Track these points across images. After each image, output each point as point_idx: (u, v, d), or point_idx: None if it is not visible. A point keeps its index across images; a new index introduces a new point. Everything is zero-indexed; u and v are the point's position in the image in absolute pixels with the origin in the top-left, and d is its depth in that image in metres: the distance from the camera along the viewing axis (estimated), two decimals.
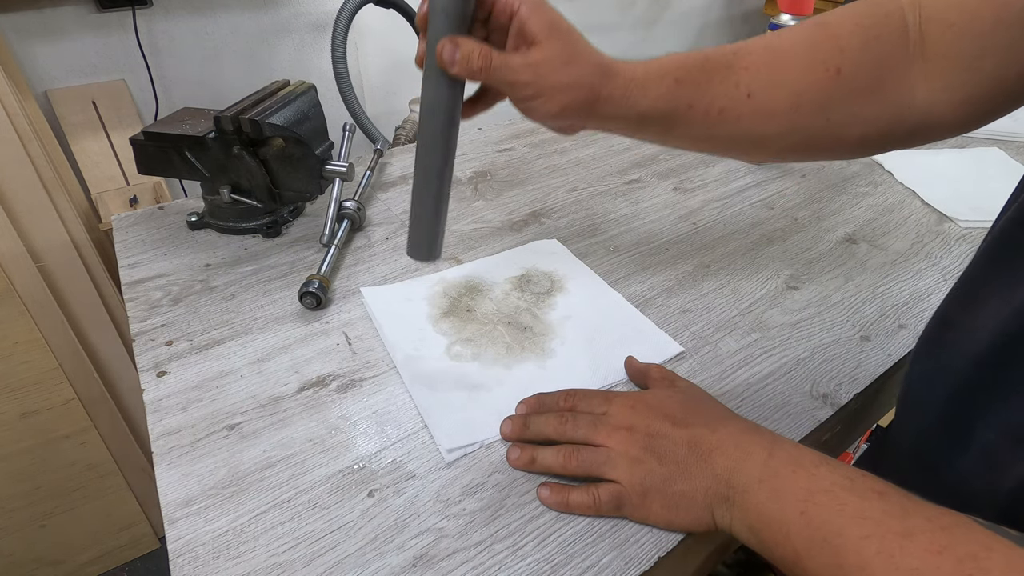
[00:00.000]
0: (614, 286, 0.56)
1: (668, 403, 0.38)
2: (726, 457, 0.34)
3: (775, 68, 0.40)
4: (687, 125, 0.41)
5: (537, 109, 0.39)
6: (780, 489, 0.31)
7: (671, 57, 0.41)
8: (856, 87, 0.38)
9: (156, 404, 0.43)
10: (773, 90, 0.40)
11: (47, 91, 0.94)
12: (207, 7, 1.02)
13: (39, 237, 0.85)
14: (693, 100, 0.40)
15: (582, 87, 0.38)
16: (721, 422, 0.36)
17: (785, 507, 0.30)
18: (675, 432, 0.36)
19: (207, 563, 0.34)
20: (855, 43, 0.38)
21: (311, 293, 0.51)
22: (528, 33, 0.37)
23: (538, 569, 0.34)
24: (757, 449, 0.33)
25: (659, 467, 0.35)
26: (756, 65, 0.40)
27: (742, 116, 0.40)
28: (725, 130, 0.41)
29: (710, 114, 0.40)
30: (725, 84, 0.40)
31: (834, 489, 0.29)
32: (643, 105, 0.40)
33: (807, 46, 0.40)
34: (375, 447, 0.41)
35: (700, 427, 0.36)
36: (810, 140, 0.41)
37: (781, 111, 0.40)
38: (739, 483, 0.32)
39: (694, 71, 0.40)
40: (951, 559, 0.24)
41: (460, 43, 0.36)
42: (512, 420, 0.41)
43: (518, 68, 0.37)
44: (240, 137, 0.56)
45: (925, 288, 0.57)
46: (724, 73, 0.40)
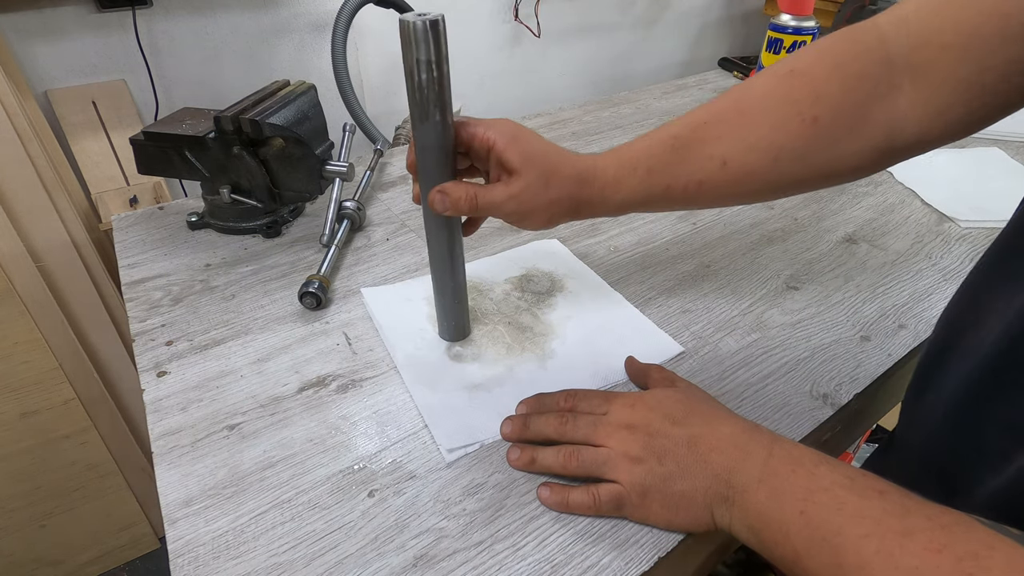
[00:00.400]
0: (614, 286, 0.56)
1: (668, 403, 0.38)
2: (725, 457, 0.34)
3: (747, 130, 0.40)
4: (668, 202, 0.43)
5: (525, 226, 0.43)
6: (779, 489, 0.31)
7: (642, 143, 0.43)
8: (836, 131, 0.38)
9: (156, 404, 0.43)
10: (749, 153, 0.40)
11: (47, 91, 0.94)
12: (207, 7, 1.02)
13: (39, 237, 0.85)
14: (669, 182, 0.42)
15: (562, 201, 0.42)
16: (721, 422, 0.36)
17: (784, 506, 0.30)
18: (675, 431, 0.36)
19: (207, 563, 0.34)
20: (832, 88, 0.38)
21: (311, 293, 0.51)
22: (506, 164, 0.40)
23: (538, 569, 0.34)
24: (757, 448, 0.33)
25: (659, 467, 0.35)
26: (728, 132, 0.41)
27: (721, 184, 0.41)
28: (706, 196, 0.43)
29: (688, 189, 0.42)
30: (698, 159, 0.41)
31: (833, 488, 0.29)
32: (621, 198, 0.43)
33: (779, 99, 0.40)
34: (375, 447, 0.41)
35: (700, 427, 0.36)
36: (795, 184, 0.42)
37: (760, 169, 0.40)
38: (738, 483, 0.32)
39: (665, 156, 0.42)
40: (951, 557, 0.24)
41: (448, 191, 0.40)
42: (512, 420, 0.41)
43: (502, 202, 0.40)
44: (240, 137, 0.56)
45: (925, 288, 0.57)
46: (696, 148, 0.41)
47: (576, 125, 0.92)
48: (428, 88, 0.36)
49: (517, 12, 1.34)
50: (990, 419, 0.34)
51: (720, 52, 1.80)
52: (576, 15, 1.46)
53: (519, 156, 0.39)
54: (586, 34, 1.52)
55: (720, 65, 1.22)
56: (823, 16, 1.25)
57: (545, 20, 1.40)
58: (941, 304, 0.55)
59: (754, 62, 0.99)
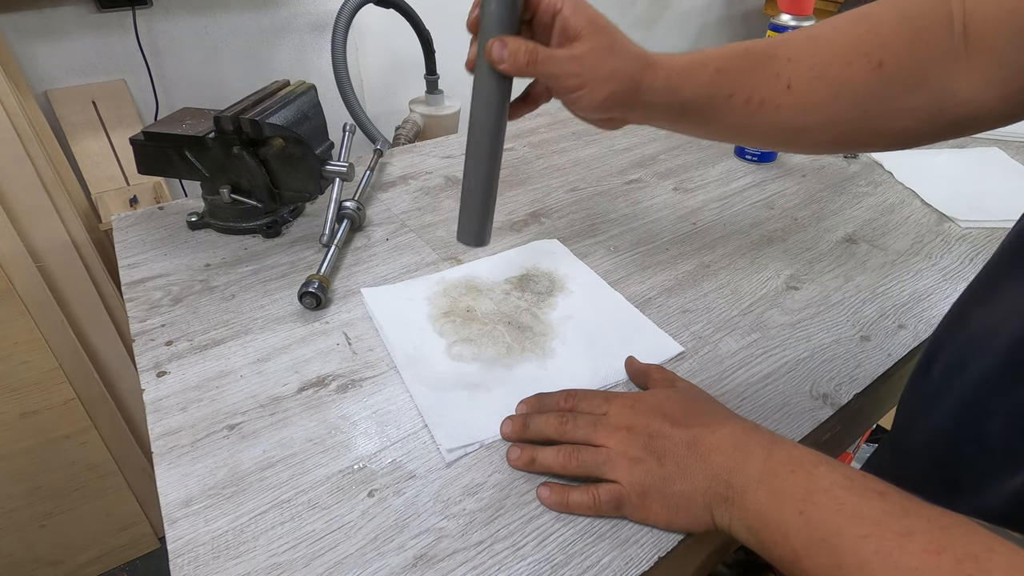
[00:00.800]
0: (614, 286, 0.56)
1: (668, 403, 0.38)
2: (725, 457, 0.34)
3: (816, 59, 0.40)
4: (727, 114, 0.42)
5: (582, 99, 0.40)
6: (779, 489, 0.31)
7: (711, 49, 0.42)
8: (898, 81, 0.38)
9: (156, 404, 0.43)
10: (813, 81, 0.40)
11: (47, 91, 0.94)
12: (207, 7, 1.02)
13: (39, 237, 0.85)
14: (734, 89, 0.41)
15: (625, 77, 0.40)
16: (720, 422, 0.36)
17: (784, 507, 0.30)
18: (674, 432, 0.36)
19: (207, 563, 0.34)
20: (899, 36, 0.38)
21: (311, 293, 0.51)
22: (571, 29, 0.39)
23: (538, 569, 0.34)
24: (756, 449, 0.33)
25: (658, 467, 0.35)
26: (798, 56, 0.41)
27: (781, 106, 0.41)
28: (764, 120, 0.42)
29: (750, 104, 0.41)
30: (766, 74, 0.41)
31: (833, 488, 0.29)
32: (685, 94, 0.41)
33: (849, 38, 0.40)
34: (375, 447, 0.41)
35: (699, 427, 0.36)
36: (847, 132, 0.41)
37: (820, 102, 0.40)
38: (738, 483, 0.32)
39: (735, 60, 0.41)
40: (950, 559, 0.24)
41: (508, 41, 0.38)
42: (512, 420, 0.41)
43: (563, 60, 0.39)
44: (240, 137, 0.56)
45: (925, 288, 0.57)
46: (765, 63, 0.41)
47: (576, 125, 0.92)
48: None
49: None
50: (998, 414, 0.34)
51: None
52: None
53: (585, 21, 0.38)
54: None
55: None
56: (823, 16, 1.25)
57: None
58: (941, 304, 0.55)
59: None
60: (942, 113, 0.38)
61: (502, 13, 0.38)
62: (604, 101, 0.40)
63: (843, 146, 0.43)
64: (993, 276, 0.38)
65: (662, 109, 0.42)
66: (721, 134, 0.46)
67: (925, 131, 0.40)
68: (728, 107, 0.42)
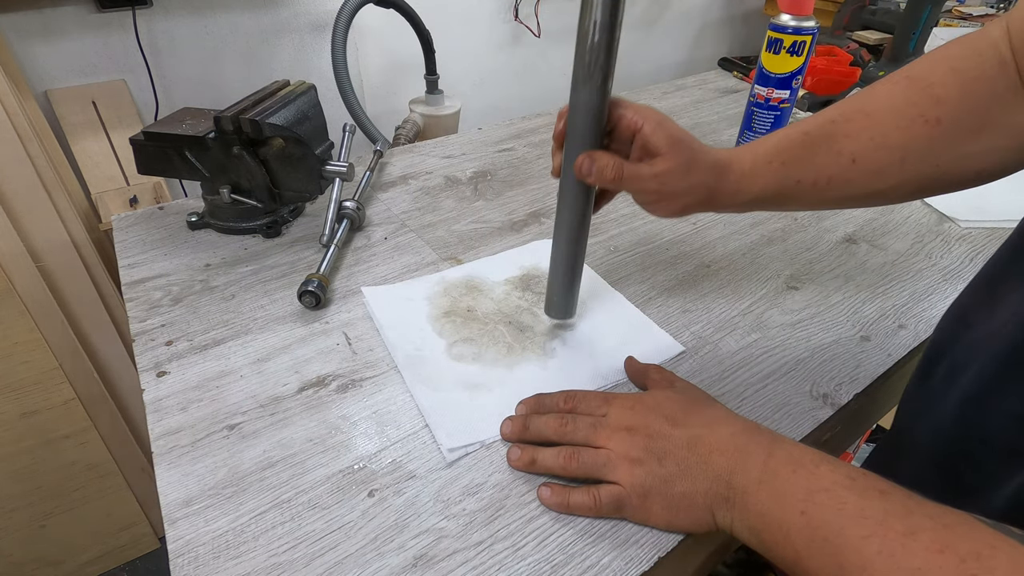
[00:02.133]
0: (615, 286, 0.56)
1: (667, 404, 0.38)
2: (726, 458, 0.34)
3: (874, 131, 0.41)
4: (798, 198, 0.44)
5: (660, 209, 0.44)
6: (780, 489, 0.31)
7: (773, 139, 0.44)
8: (959, 131, 0.39)
9: (156, 404, 0.43)
10: (877, 152, 0.41)
11: (47, 91, 0.94)
12: (207, 7, 1.02)
13: (39, 237, 0.85)
14: (801, 176, 0.43)
15: (700, 190, 0.43)
16: (720, 422, 0.36)
17: (785, 507, 0.30)
18: (675, 433, 0.36)
19: (207, 563, 0.34)
20: (952, 91, 0.39)
21: (310, 292, 0.51)
22: (652, 147, 0.41)
23: (538, 569, 0.34)
24: (757, 449, 0.33)
25: (659, 468, 0.35)
26: (856, 131, 0.42)
27: (851, 180, 0.42)
28: (837, 194, 0.43)
29: (819, 184, 0.43)
30: (829, 155, 0.42)
31: (834, 488, 0.29)
32: (755, 191, 0.43)
33: (901, 102, 0.40)
34: (375, 447, 0.41)
35: (699, 427, 0.36)
36: (925, 186, 0.42)
37: (888, 168, 0.41)
38: (739, 484, 0.32)
39: (797, 150, 0.43)
40: (954, 558, 0.24)
41: (596, 157, 0.41)
42: (512, 420, 0.41)
43: (646, 178, 0.41)
44: (240, 137, 0.56)
45: (925, 288, 0.57)
46: (827, 144, 0.42)
47: None
48: (599, 50, 0.38)
49: (517, 12, 1.34)
50: (999, 412, 0.34)
51: (720, 52, 1.80)
52: (576, 15, 1.46)
53: (666, 140, 0.41)
54: None
55: (720, 65, 1.22)
56: (823, 16, 1.25)
57: (545, 20, 1.40)
58: (941, 304, 0.55)
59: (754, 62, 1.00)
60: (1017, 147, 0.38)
61: (587, 128, 0.41)
62: (680, 211, 0.44)
63: (922, 195, 0.44)
64: (994, 279, 0.38)
65: (734, 206, 0.45)
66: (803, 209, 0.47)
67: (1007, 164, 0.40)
68: (798, 191, 0.43)
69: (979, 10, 1.46)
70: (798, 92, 0.90)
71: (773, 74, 0.87)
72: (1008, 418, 0.34)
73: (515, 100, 1.47)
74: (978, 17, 1.40)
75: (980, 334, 0.37)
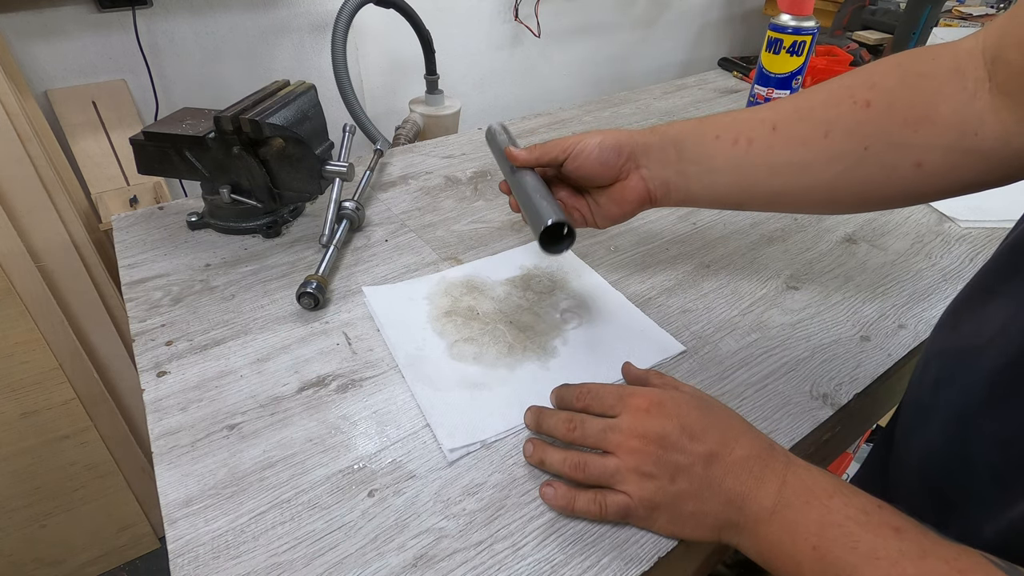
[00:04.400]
0: (615, 286, 0.56)
1: (686, 409, 0.36)
2: (739, 483, 0.33)
3: (799, 103, 0.43)
4: (719, 153, 0.45)
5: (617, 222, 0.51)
6: (792, 521, 0.30)
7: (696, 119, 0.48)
8: (892, 117, 0.39)
9: (156, 404, 0.43)
10: (799, 123, 0.42)
11: (47, 91, 0.94)
12: (207, 7, 1.02)
13: (39, 237, 0.85)
14: (720, 131, 0.45)
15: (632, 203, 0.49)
16: (737, 439, 0.34)
17: (797, 540, 0.30)
18: (691, 447, 0.34)
19: (207, 563, 0.34)
20: (890, 80, 0.39)
21: (309, 294, 0.51)
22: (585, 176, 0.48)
23: (538, 569, 0.34)
24: (771, 477, 0.32)
25: (670, 486, 0.34)
26: (779, 105, 0.44)
27: (773, 145, 0.43)
28: (758, 159, 0.44)
29: (739, 143, 0.44)
30: (750, 121, 0.45)
31: (847, 524, 0.29)
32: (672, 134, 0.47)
33: (835, 86, 0.42)
34: (375, 447, 0.41)
35: (716, 444, 0.34)
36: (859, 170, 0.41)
37: (811, 139, 0.42)
38: (751, 512, 0.32)
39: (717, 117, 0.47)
40: None
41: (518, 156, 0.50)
42: (531, 411, 0.41)
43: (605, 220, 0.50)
44: (240, 137, 0.56)
45: (925, 288, 0.57)
46: (748, 113, 0.45)
47: (576, 125, 0.92)
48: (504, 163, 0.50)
49: (517, 12, 1.34)
50: (982, 434, 0.33)
51: (720, 52, 1.80)
52: (576, 15, 1.46)
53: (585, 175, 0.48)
54: (586, 34, 1.52)
55: (720, 65, 1.22)
56: (823, 16, 1.25)
57: (545, 20, 1.40)
58: (941, 304, 0.55)
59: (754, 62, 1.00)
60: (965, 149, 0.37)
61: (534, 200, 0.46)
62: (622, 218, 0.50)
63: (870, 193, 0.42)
64: (984, 289, 0.37)
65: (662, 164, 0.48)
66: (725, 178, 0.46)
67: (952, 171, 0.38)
68: (717, 146, 0.45)
69: (979, 10, 1.46)
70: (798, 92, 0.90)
71: (773, 74, 0.87)
72: (990, 442, 0.33)
73: (515, 100, 1.47)
74: (978, 17, 1.40)
75: (965, 348, 0.36)
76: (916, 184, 0.40)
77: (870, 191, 0.42)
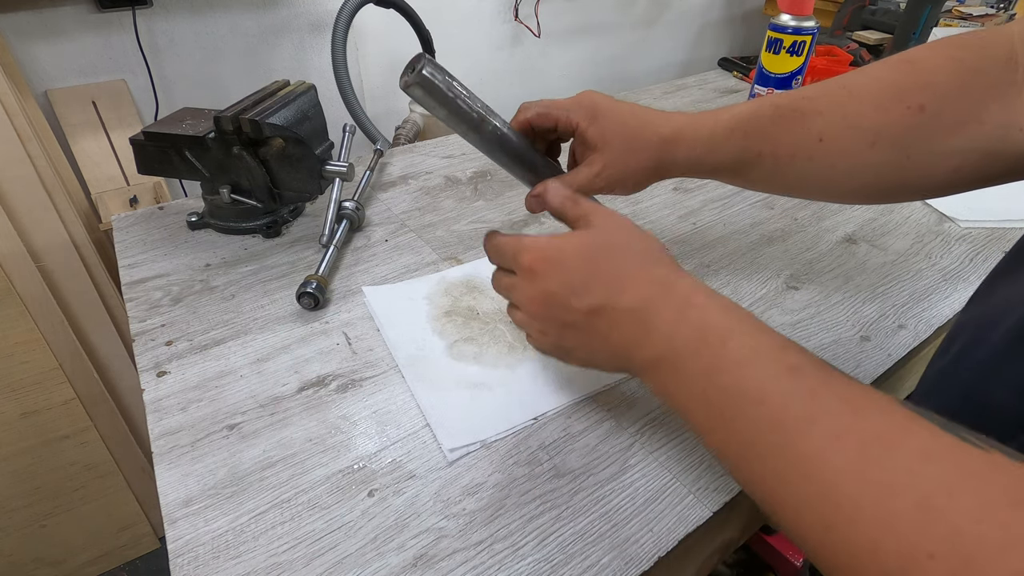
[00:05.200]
0: None
1: (572, 262, 0.34)
2: (624, 335, 0.32)
3: (848, 109, 0.40)
4: (757, 170, 0.43)
5: (617, 193, 0.46)
6: (680, 370, 0.30)
7: (740, 109, 0.43)
8: (940, 123, 0.37)
9: (156, 404, 0.43)
10: (846, 131, 0.40)
11: (47, 91, 0.94)
12: (207, 7, 1.02)
13: (39, 237, 0.85)
14: (762, 149, 0.42)
15: (647, 167, 0.44)
16: (624, 288, 0.33)
17: (684, 388, 0.30)
18: (574, 304, 0.33)
19: (207, 563, 0.34)
20: (944, 78, 0.37)
21: (308, 294, 0.51)
22: (589, 142, 0.43)
23: (538, 569, 0.34)
24: (660, 324, 0.31)
25: (561, 341, 0.36)
26: (829, 107, 0.41)
27: (814, 157, 0.41)
28: (796, 170, 0.42)
29: (780, 158, 0.42)
30: (795, 132, 0.41)
31: (738, 368, 0.28)
32: (711, 162, 0.44)
33: (886, 84, 0.39)
34: (375, 447, 0.41)
35: (601, 296, 0.33)
36: (890, 176, 0.40)
37: (855, 151, 0.40)
38: (639, 361, 0.32)
39: (763, 122, 0.42)
40: (854, 442, 0.23)
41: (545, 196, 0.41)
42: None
43: (589, 183, 0.44)
44: (240, 137, 0.56)
45: (925, 288, 0.57)
46: (795, 120, 0.41)
47: None
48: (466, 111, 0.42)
49: (517, 12, 1.34)
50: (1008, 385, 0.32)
51: (720, 52, 1.80)
52: (576, 15, 1.46)
53: (599, 135, 0.43)
54: (586, 34, 1.52)
55: (720, 65, 1.22)
56: (823, 16, 1.25)
57: (545, 20, 1.40)
58: (941, 304, 0.55)
59: (754, 62, 1.00)
60: (1002, 149, 0.36)
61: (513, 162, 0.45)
62: (634, 189, 0.46)
63: (890, 193, 0.42)
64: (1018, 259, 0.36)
65: (690, 173, 0.46)
66: (752, 185, 0.46)
67: (981, 170, 0.38)
68: (758, 165, 0.43)
69: (979, 10, 1.46)
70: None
71: (773, 74, 0.87)
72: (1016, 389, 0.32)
73: (515, 100, 1.47)
74: (978, 17, 1.40)
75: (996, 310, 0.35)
76: (948, 183, 0.39)
77: (899, 191, 0.42)
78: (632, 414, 0.43)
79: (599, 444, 0.41)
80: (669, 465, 0.40)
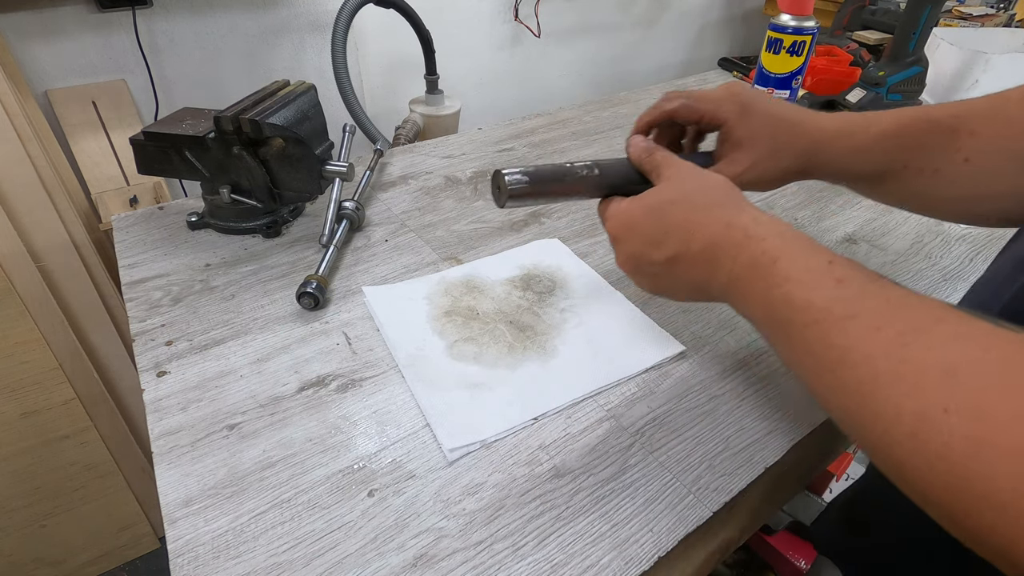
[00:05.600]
0: (615, 285, 0.56)
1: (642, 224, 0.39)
2: (699, 272, 0.36)
3: (1000, 133, 0.39)
4: (898, 182, 0.44)
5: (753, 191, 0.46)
6: (744, 292, 0.34)
7: (895, 117, 0.43)
8: None
9: (156, 404, 0.43)
10: (995, 155, 0.39)
11: (47, 91, 0.94)
12: (207, 7, 1.02)
13: (39, 237, 0.85)
14: (908, 160, 0.43)
15: (791, 170, 0.44)
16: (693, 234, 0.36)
17: (751, 305, 0.33)
18: (656, 255, 0.38)
19: (207, 563, 0.34)
20: None
21: (309, 294, 0.51)
22: (736, 139, 0.44)
23: (538, 569, 0.34)
24: (724, 258, 0.35)
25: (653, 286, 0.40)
26: (981, 130, 0.40)
27: (957, 178, 0.41)
28: (937, 190, 0.42)
29: (924, 173, 0.42)
30: (946, 150, 0.41)
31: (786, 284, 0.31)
32: (856, 170, 0.44)
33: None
34: (375, 447, 0.41)
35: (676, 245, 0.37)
36: None
37: (1001, 174, 0.39)
38: (714, 291, 0.36)
39: (916, 132, 0.42)
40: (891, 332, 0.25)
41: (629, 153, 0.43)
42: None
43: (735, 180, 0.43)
44: (240, 137, 0.56)
45: (925, 288, 0.57)
46: (946, 137, 0.41)
47: (576, 125, 0.92)
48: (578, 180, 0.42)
49: (517, 12, 1.34)
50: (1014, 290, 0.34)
51: (720, 52, 1.80)
52: (576, 15, 1.46)
53: (747, 134, 0.43)
54: (586, 34, 1.52)
55: (720, 65, 1.22)
56: (823, 16, 1.25)
57: (545, 20, 1.40)
58: None
59: (754, 62, 1.00)
60: None
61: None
62: (768, 188, 0.46)
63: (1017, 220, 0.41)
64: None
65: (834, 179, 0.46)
66: (887, 198, 0.47)
67: None
68: (901, 176, 0.43)
69: (979, 10, 1.46)
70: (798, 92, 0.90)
71: (773, 74, 0.87)
72: None
73: (515, 100, 1.47)
74: (978, 17, 1.40)
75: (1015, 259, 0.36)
76: None
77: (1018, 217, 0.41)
78: (632, 414, 0.43)
79: (599, 444, 0.41)
80: (669, 465, 0.40)
